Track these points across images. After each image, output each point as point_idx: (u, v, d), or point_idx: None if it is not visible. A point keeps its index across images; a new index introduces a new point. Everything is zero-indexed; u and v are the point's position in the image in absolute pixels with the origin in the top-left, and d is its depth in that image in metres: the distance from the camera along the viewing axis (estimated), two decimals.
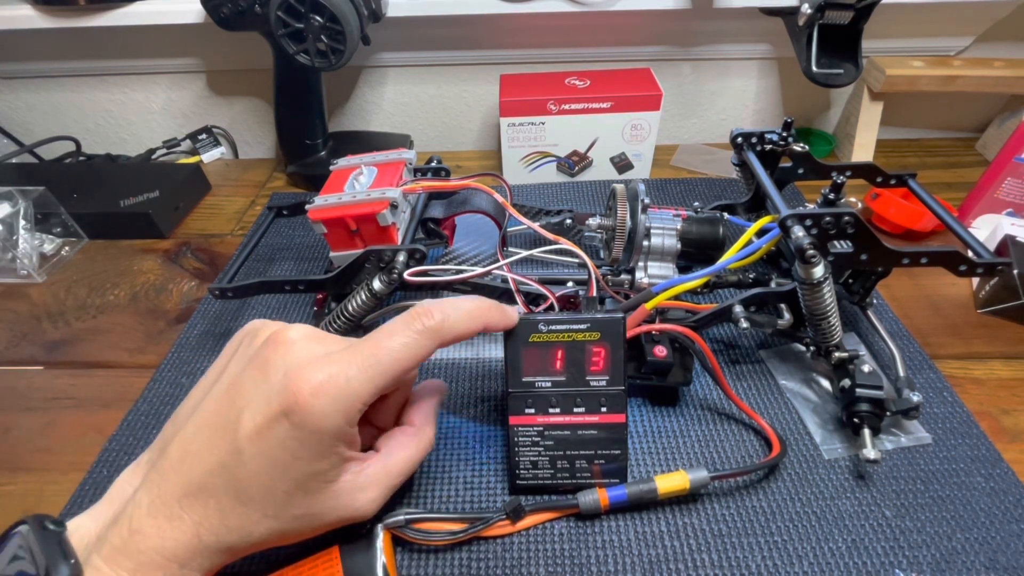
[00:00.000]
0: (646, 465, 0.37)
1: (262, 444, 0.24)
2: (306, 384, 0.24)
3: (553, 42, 0.71)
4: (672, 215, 0.45)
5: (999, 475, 0.36)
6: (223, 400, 0.26)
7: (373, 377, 0.25)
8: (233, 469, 0.24)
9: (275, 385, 0.24)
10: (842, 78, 0.56)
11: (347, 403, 0.25)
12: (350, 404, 0.25)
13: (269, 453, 0.24)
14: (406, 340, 0.26)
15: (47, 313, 0.53)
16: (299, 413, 0.24)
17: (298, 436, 0.24)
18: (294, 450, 0.24)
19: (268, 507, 0.25)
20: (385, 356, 0.26)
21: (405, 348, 0.26)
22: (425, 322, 0.27)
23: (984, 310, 0.48)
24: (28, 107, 0.78)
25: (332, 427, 0.24)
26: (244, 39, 0.62)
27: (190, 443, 0.25)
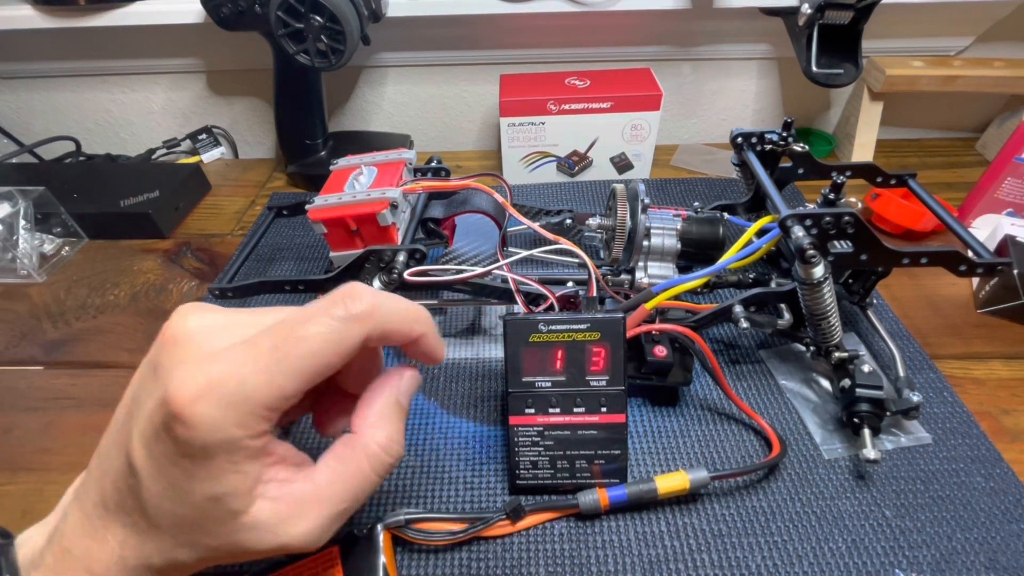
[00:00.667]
0: (646, 465, 0.37)
1: (152, 463, 0.21)
2: (185, 389, 0.20)
3: (553, 42, 0.71)
4: (672, 215, 0.45)
5: (999, 475, 0.36)
6: (124, 407, 0.23)
7: (276, 378, 0.20)
8: (134, 488, 0.21)
9: (158, 393, 0.20)
10: (842, 78, 0.56)
11: (240, 410, 0.20)
12: (245, 411, 0.20)
13: (162, 473, 0.21)
14: (322, 329, 0.21)
15: (47, 313, 0.53)
16: (179, 425, 0.20)
17: (184, 453, 0.20)
18: (186, 470, 0.20)
19: (179, 534, 0.21)
20: (295, 349, 0.21)
21: (320, 339, 0.21)
22: (350, 307, 0.22)
23: (984, 310, 0.48)
24: (28, 107, 0.78)
25: (221, 440, 0.20)
26: (244, 39, 0.62)
27: (103, 453, 0.23)
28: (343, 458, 0.24)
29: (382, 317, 0.23)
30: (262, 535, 0.22)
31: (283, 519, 0.22)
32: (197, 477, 0.20)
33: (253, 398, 0.20)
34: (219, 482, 0.21)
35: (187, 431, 0.20)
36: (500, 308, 0.48)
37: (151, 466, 0.21)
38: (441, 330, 0.47)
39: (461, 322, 0.48)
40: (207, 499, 0.21)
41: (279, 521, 0.22)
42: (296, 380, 0.21)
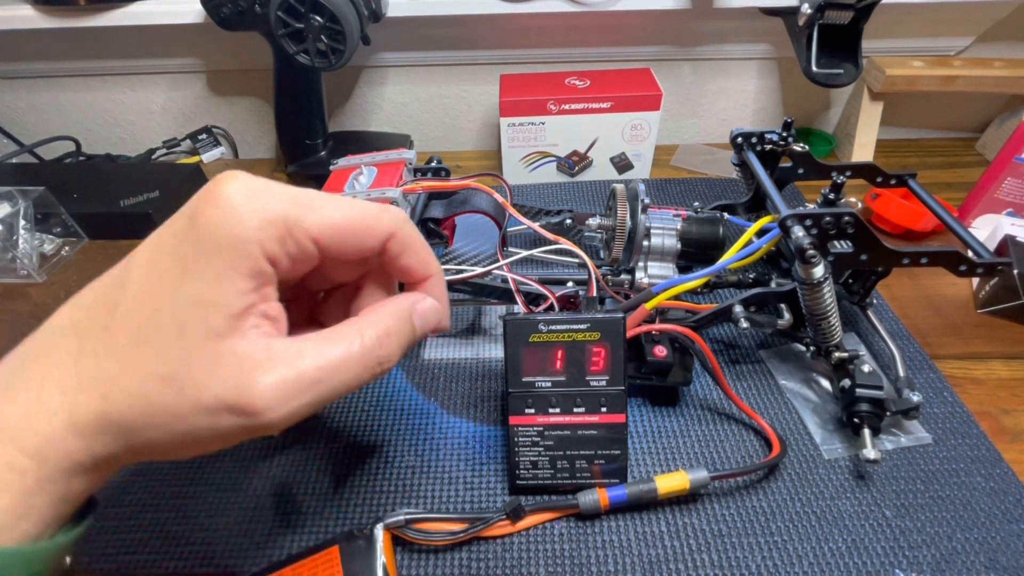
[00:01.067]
0: (646, 465, 0.37)
1: (153, 253, 0.19)
2: (226, 183, 0.19)
3: (553, 42, 0.71)
4: (672, 215, 0.45)
5: (999, 475, 0.36)
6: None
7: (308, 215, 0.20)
8: (114, 292, 0.19)
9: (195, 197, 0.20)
10: (842, 78, 0.56)
11: (268, 216, 0.19)
12: (271, 220, 0.19)
13: (158, 253, 0.19)
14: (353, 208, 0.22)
15: (47, 313, 0.52)
16: (205, 211, 0.19)
17: (195, 237, 0.19)
18: (187, 258, 0.18)
19: (134, 349, 0.18)
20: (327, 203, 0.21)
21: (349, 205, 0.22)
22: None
23: (984, 310, 0.48)
24: (28, 107, 0.78)
25: (242, 232, 0.19)
26: (244, 39, 0.62)
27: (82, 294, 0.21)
28: (335, 333, 0.21)
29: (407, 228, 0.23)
30: (223, 371, 0.18)
31: (258, 364, 0.19)
32: (194, 272, 0.18)
33: (282, 214, 0.20)
34: (213, 285, 0.18)
35: (210, 215, 0.18)
36: (500, 308, 0.48)
37: (147, 257, 0.19)
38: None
39: (461, 322, 0.48)
40: (192, 302, 0.18)
41: (252, 364, 0.19)
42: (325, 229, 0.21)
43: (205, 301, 0.18)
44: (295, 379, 0.19)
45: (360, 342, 0.21)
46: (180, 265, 0.18)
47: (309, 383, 0.20)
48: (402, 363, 0.45)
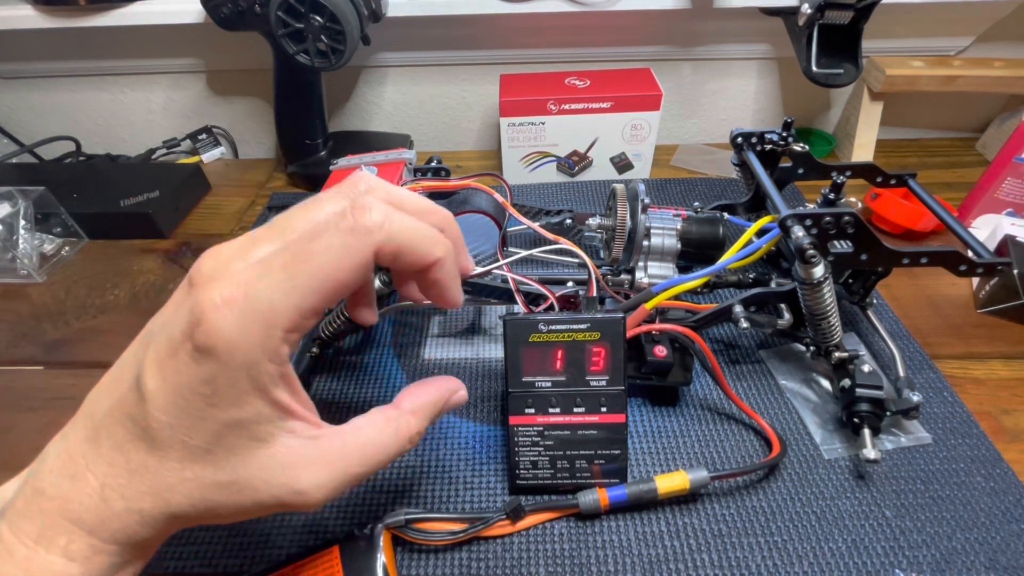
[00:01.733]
0: (646, 465, 0.37)
1: (166, 379, 0.19)
2: (209, 297, 0.19)
3: (553, 42, 0.71)
4: (672, 215, 0.45)
5: (999, 475, 0.36)
6: (134, 346, 0.22)
7: (291, 297, 0.20)
8: (138, 416, 0.20)
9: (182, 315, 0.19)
10: (842, 78, 0.56)
11: (262, 327, 0.19)
12: (266, 329, 0.19)
13: (177, 392, 0.19)
14: (331, 243, 0.20)
15: (47, 313, 0.53)
16: (203, 333, 0.19)
17: (207, 367, 0.19)
18: (208, 389, 0.19)
19: (187, 465, 0.20)
20: (305, 267, 0.20)
21: (330, 254, 0.20)
22: (359, 218, 0.20)
23: (984, 310, 0.48)
24: (28, 107, 0.78)
25: (248, 353, 0.19)
26: (244, 39, 0.62)
27: (102, 389, 0.22)
28: (377, 426, 0.24)
29: (394, 230, 0.21)
30: (273, 474, 0.20)
31: (304, 463, 0.21)
32: (217, 399, 0.19)
33: (271, 317, 0.19)
34: (242, 406, 0.20)
35: (210, 340, 0.19)
36: (500, 308, 0.48)
37: (160, 383, 0.19)
38: (441, 330, 0.47)
39: (461, 322, 0.48)
40: (227, 425, 0.20)
41: (299, 463, 0.21)
42: (311, 298, 0.20)
43: (238, 422, 0.20)
44: (340, 476, 0.22)
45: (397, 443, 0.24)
46: (202, 399, 0.19)
47: (351, 478, 0.22)
48: (402, 363, 0.45)
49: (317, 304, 0.20)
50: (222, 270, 0.20)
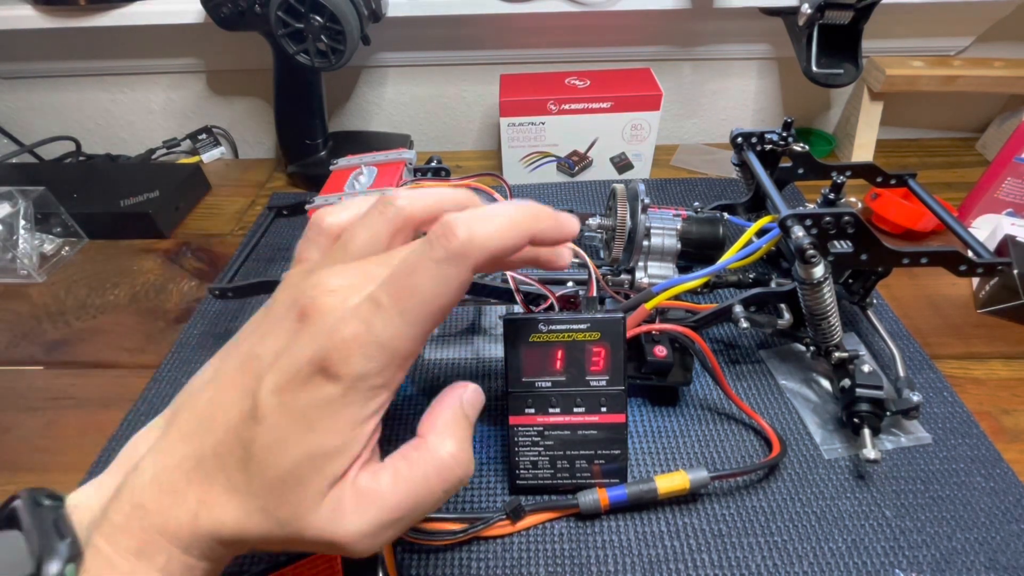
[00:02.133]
0: (646, 465, 0.37)
1: (280, 411, 0.20)
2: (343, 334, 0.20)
3: (553, 42, 0.71)
4: (672, 215, 0.45)
5: (999, 475, 0.36)
6: (248, 361, 0.22)
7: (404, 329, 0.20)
8: (247, 440, 0.21)
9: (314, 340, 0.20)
10: (842, 78, 0.56)
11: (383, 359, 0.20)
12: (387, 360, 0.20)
13: (284, 422, 0.20)
14: (429, 275, 0.20)
15: (47, 313, 0.53)
16: (334, 364, 0.20)
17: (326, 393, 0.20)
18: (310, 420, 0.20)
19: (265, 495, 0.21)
20: (410, 301, 0.20)
21: (430, 285, 0.20)
22: (447, 246, 0.20)
23: (984, 310, 0.48)
24: (28, 107, 0.78)
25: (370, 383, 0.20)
26: (244, 39, 0.62)
27: (204, 409, 0.22)
28: (409, 460, 0.23)
29: (481, 243, 0.21)
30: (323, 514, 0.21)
31: (345, 508, 0.21)
32: (318, 428, 0.20)
33: (392, 348, 0.20)
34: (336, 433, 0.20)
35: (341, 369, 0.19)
36: (500, 308, 0.48)
37: (278, 414, 0.20)
38: (441, 330, 0.47)
39: (461, 322, 0.48)
40: (314, 453, 0.20)
41: (343, 508, 0.21)
42: (420, 328, 0.21)
43: (328, 452, 0.20)
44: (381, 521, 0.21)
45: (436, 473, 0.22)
46: (305, 424, 0.20)
47: (392, 523, 0.22)
48: None
49: (425, 333, 0.21)
50: (339, 305, 0.21)
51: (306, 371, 0.20)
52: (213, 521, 0.21)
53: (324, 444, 0.20)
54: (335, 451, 0.20)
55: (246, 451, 0.21)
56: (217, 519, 0.21)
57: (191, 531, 0.21)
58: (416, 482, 0.22)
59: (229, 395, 0.22)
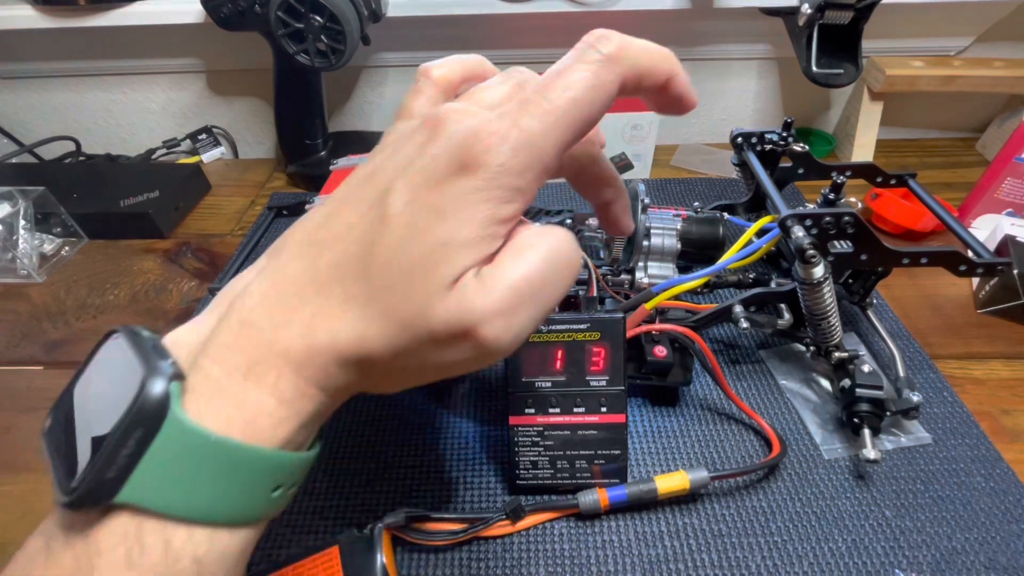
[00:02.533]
0: (646, 465, 0.37)
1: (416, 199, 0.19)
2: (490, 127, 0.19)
3: (553, 42, 0.71)
4: (672, 215, 0.45)
5: (999, 475, 0.36)
6: (372, 175, 0.21)
7: (552, 129, 0.20)
8: (370, 240, 0.19)
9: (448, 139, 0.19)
10: (842, 78, 0.56)
11: (529, 155, 0.19)
12: (532, 158, 0.19)
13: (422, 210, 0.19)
14: (582, 74, 0.20)
15: (47, 313, 0.53)
16: (475, 152, 0.19)
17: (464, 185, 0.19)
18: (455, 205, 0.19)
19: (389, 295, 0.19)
20: (561, 98, 0.20)
21: (582, 84, 0.20)
22: (601, 49, 0.20)
23: (984, 310, 0.48)
24: (28, 107, 0.78)
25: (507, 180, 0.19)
26: (244, 39, 0.62)
27: (317, 228, 0.21)
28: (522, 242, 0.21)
29: (634, 55, 0.21)
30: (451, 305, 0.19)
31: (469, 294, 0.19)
32: (451, 218, 0.19)
33: (538, 146, 0.19)
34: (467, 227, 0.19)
35: (479, 159, 0.19)
36: None
37: (407, 211, 0.19)
38: None
39: None
40: (441, 242, 0.19)
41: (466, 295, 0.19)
42: (566, 132, 0.20)
43: (459, 242, 0.19)
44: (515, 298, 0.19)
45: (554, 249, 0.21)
46: (438, 213, 0.19)
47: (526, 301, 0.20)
48: None
49: (572, 138, 0.20)
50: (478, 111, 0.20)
51: (442, 170, 0.19)
52: (329, 333, 0.20)
53: (455, 234, 0.19)
54: (466, 243, 0.19)
55: (368, 255, 0.19)
56: (333, 331, 0.20)
57: (304, 347, 0.20)
58: (538, 254, 0.20)
59: (349, 207, 0.21)
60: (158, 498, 0.18)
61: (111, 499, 0.17)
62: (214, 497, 0.19)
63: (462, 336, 0.19)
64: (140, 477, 0.18)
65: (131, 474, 0.17)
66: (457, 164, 0.19)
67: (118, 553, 0.18)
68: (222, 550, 0.20)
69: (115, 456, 0.17)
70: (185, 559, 0.19)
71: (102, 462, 0.17)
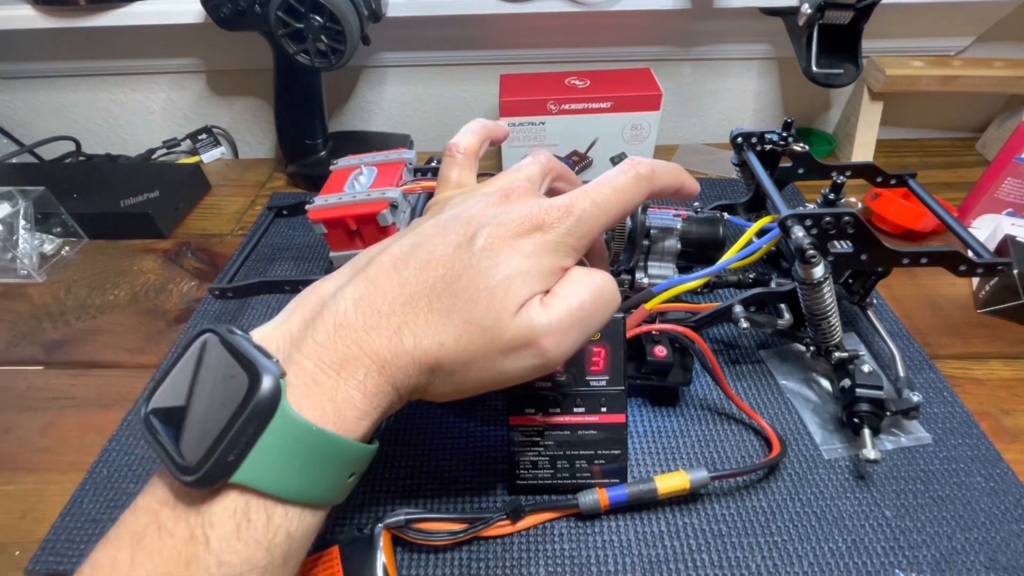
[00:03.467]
0: (646, 465, 0.37)
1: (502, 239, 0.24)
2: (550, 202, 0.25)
3: (553, 42, 0.71)
4: (672, 215, 0.45)
5: (999, 475, 0.36)
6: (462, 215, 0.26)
7: (600, 212, 0.26)
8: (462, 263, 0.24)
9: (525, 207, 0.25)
10: (842, 78, 0.56)
11: (581, 231, 0.25)
12: (586, 230, 0.25)
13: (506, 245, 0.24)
14: (625, 180, 0.27)
15: (47, 313, 0.53)
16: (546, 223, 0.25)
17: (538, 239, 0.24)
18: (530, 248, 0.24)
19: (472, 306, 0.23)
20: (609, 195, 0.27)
21: (625, 186, 0.27)
22: (639, 170, 0.28)
23: (984, 310, 0.48)
24: (28, 107, 0.78)
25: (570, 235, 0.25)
26: (244, 39, 0.62)
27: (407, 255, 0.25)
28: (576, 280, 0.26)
29: (659, 176, 0.29)
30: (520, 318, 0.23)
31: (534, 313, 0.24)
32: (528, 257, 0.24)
33: (592, 222, 0.25)
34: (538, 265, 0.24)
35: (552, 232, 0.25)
36: None
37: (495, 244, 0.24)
38: None
39: None
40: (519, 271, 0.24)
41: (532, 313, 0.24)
42: (607, 217, 0.26)
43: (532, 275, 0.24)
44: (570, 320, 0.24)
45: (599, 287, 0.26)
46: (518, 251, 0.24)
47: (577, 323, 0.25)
48: None
49: (614, 222, 0.27)
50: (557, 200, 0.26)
51: (523, 227, 0.24)
52: (414, 338, 0.23)
53: (530, 268, 0.24)
54: (536, 277, 0.24)
55: (454, 278, 0.24)
56: (419, 335, 0.23)
57: (392, 348, 0.23)
58: (588, 289, 0.25)
59: (439, 240, 0.25)
60: (266, 479, 0.21)
61: (228, 478, 0.20)
62: (308, 480, 0.22)
63: (527, 345, 0.24)
64: (252, 461, 0.20)
65: (246, 458, 0.20)
66: (534, 225, 0.25)
67: (229, 526, 0.20)
68: (308, 526, 0.23)
69: (236, 442, 0.20)
70: (281, 534, 0.21)
71: (225, 447, 0.20)
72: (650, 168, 0.28)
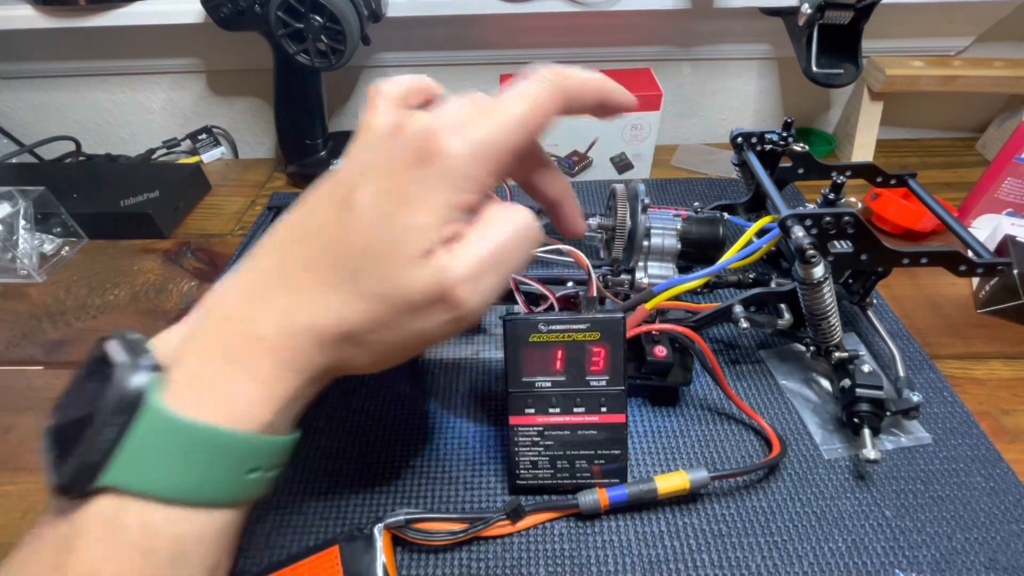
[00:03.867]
0: (646, 465, 0.37)
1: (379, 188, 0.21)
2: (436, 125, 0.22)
3: (553, 42, 0.71)
4: (672, 215, 0.45)
5: (999, 475, 0.36)
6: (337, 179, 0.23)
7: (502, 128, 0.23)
8: (339, 230, 0.22)
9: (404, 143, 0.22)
10: (842, 78, 0.56)
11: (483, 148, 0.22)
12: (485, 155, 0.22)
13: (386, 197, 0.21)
14: (526, 89, 0.24)
15: (47, 313, 0.53)
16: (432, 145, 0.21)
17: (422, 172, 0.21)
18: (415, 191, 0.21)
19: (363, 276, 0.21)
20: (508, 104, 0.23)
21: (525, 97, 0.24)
22: (544, 74, 0.25)
23: (984, 310, 0.48)
24: (28, 107, 0.78)
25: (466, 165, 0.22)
26: (244, 39, 0.62)
27: (285, 231, 0.23)
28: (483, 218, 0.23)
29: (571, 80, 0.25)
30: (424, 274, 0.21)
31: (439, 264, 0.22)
32: (413, 204, 0.21)
33: (488, 142, 0.22)
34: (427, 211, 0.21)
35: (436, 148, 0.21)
36: (500, 308, 0.48)
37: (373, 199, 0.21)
38: None
39: None
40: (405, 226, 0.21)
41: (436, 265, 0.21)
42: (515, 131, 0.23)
43: (421, 225, 0.21)
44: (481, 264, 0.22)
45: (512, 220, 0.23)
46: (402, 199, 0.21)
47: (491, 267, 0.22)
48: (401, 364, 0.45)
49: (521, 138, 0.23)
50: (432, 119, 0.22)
51: (403, 164, 0.21)
52: (307, 315, 0.21)
53: (419, 217, 0.21)
54: (428, 226, 0.21)
55: (338, 244, 0.21)
56: (311, 313, 0.21)
57: (282, 331, 0.21)
58: (500, 228, 0.23)
59: (319, 207, 0.23)
60: (137, 480, 0.20)
61: (94, 482, 0.19)
62: (189, 478, 0.20)
63: (438, 299, 0.21)
64: (120, 462, 0.19)
65: (112, 459, 0.19)
66: (415, 158, 0.21)
67: (98, 533, 0.19)
68: (200, 530, 0.21)
69: (96, 444, 0.19)
70: (162, 538, 0.20)
71: (85, 449, 0.19)
72: (556, 71, 0.25)
